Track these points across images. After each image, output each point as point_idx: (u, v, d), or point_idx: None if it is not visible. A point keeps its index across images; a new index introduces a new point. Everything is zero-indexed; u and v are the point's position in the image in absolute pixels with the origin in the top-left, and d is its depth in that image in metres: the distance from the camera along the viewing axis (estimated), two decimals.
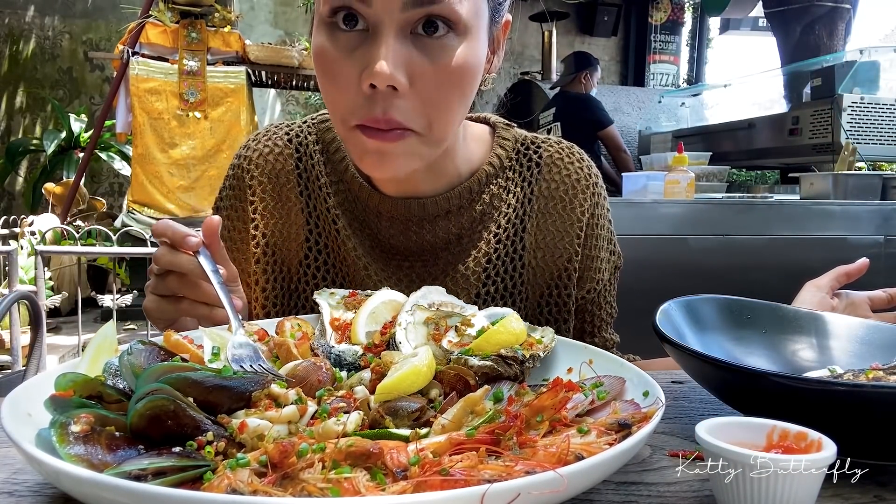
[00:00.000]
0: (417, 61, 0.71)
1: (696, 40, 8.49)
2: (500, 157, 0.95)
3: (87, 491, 0.42)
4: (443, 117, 0.76)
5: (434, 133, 0.76)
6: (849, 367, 0.75)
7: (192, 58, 4.06)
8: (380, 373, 0.63)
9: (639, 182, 3.01)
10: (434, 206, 0.91)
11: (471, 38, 0.74)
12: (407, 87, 0.71)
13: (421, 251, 0.93)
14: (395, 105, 0.72)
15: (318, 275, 0.95)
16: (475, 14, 0.74)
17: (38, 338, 0.97)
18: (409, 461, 0.46)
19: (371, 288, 0.91)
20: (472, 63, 0.74)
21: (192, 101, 4.08)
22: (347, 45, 0.72)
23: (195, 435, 0.50)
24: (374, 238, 0.94)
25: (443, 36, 0.72)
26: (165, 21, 4.05)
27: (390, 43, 0.69)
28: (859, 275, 1.03)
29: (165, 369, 0.53)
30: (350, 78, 0.72)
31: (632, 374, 0.65)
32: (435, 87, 0.72)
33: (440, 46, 0.72)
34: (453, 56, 0.72)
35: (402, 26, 0.70)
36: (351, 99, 0.73)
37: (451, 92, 0.74)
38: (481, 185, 0.94)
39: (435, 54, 0.72)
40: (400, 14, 0.69)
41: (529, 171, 0.97)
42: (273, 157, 0.96)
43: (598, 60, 4.97)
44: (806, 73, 3.81)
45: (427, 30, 0.71)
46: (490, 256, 0.94)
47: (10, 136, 6.22)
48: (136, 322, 4.25)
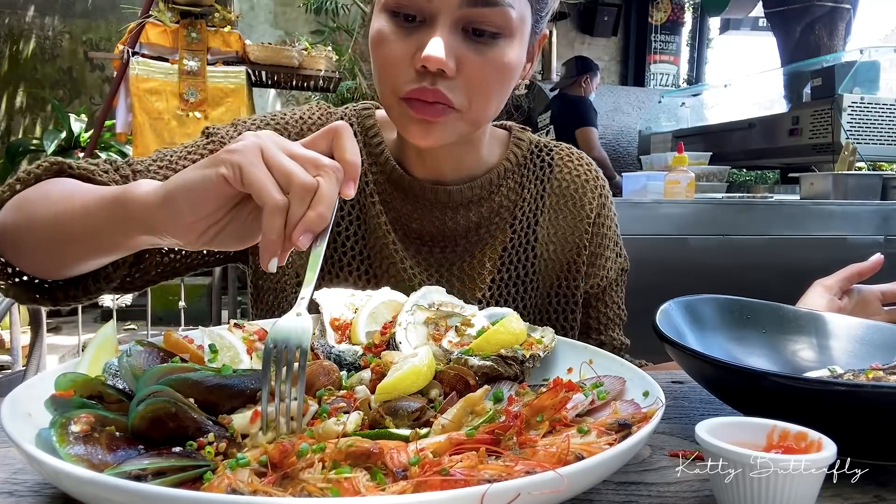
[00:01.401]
0: (466, 52, 0.81)
1: (696, 40, 8.50)
2: (516, 156, 1.03)
3: (87, 491, 0.42)
4: (482, 102, 0.85)
5: (472, 114, 0.85)
6: (849, 367, 0.75)
7: (192, 58, 4.06)
8: (380, 373, 0.63)
9: (639, 182, 3.00)
10: (458, 195, 0.98)
11: (515, 41, 0.84)
12: (454, 71, 0.81)
13: (442, 237, 0.99)
14: (441, 83, 0.82)
15: (349, 243, 0.99)
16: (521, 20, 0.84)
17: (38, 338, 0.97)
18: (409, 461, 0.46)
19: (391, 260, 0.96)
20: (513, 62, 0.84)
21: (192, 101, 4.07)
22: (405, 30, 0.82)
23: (197, 436, 0.50)
24: (399, 220, 0.99)
25: (489, 35, 0.82)
26: (165, 21, 4.05)
27: (445, 33, 0.80)
28: (872, 272, 1.02)
29: (165, 371, 0.53)
30: (404, 56, 0.82)
31: (632, 374, 0.65)
32: (478, 76, 0.82)
33: (487, 45, 0.82)
34: (498, 52, 0.82)
35: (455, 21, 0.80)
36: (403, 73, 0.82)
37: (492, 83, 0.84)
38: (500, 179, 1.01)
39: (482, 49, 0.82)
40: (456, 10, 0.80)
41: (542, 170, 1.05)
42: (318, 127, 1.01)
43: (598, 66, 5.02)
44: (806, 73, 3.81)
45: (476, 34, 0.81)
46: (506, 246, 1.01)
47: (10, 136, 6.23)
48: (136, 322, 4.25)
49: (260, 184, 0.56)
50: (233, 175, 0.57)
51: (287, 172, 0.57)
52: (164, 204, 0.60)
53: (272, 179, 0.57)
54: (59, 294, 0.83)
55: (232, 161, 0.57)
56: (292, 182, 0.57)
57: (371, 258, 0.99)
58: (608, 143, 5.26)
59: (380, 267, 0.98)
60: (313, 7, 6.69)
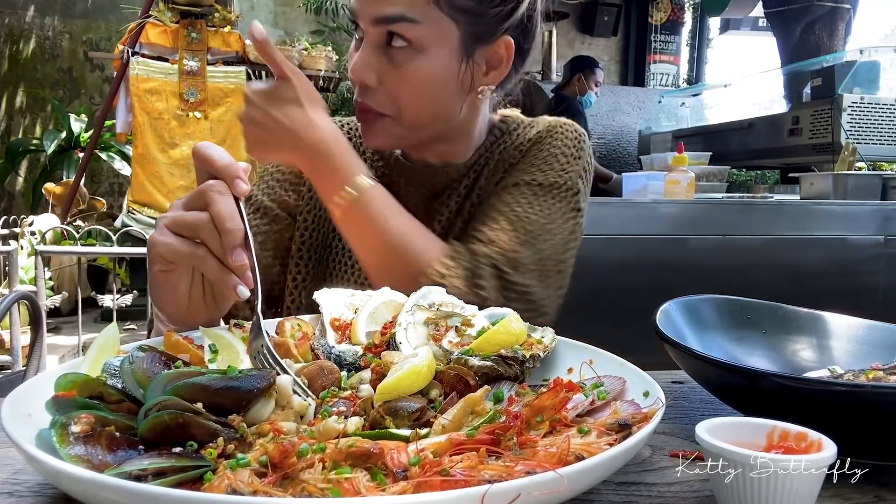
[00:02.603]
0: (384, 66, 0.91)
1: (696, 40, 8.49)
2: (500, 129, 1.08)
3: (87, 491, 0.42)
4: (410, 109, 0.93)
5: (404, 119, 0.94)
6: (849, 367, 0.75)
7: (192, 58, 4.06)
8: (380, 373, 0.63)
9: (639, 182, 3.01)
10: (455, 172, 1.04)
11: (431, 54, 0.91)
12: (376, 83, 0.92)
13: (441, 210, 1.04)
14: (367, 94, 0.93)
15: None
16: (438, 34, 0.90)
17: (38, 338, 0.97)
18: (409, 461, 0.46)
19: None
20: (429, 74, 0.91)
21: (192, 101, 4.07)
22: (356, 47, 0.95)
23: (206, 441, 0.49)
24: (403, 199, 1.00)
25: (402, 49, 0.90)
26: (165, 21, 4.05)
27: (368, 48, 0.91)
28: None
29: (171, 377, 0.53)
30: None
31: (632, 374, 0.65)
32: (396, 87, 0.92)
33: (401, 57, 0.90)
34: (413, 65, 0.91)
35: (375, 39, 0.91)
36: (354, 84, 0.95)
37: (412, 93, 0.92)
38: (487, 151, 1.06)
39: (396, 62, 0.91)
40: (372, 28, 0.90)
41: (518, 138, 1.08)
42: None
43: (595, 62, 4.93)
44: (806, 73, 3.81)
45: (395, 47, 0.90)
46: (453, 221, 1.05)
47: (10, 136, 6.22)
48: (137, 322, 4.25)
49: (175, 254, 0.68)
50: (163, 265, 0.70)
51: (185, 225, 0.68)
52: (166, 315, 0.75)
53: (182, 240, 0.68)
54: None
55: (154, 255, 0.70)
56: (193, 228, 0.68)
57: None
58: (608, 143, 5.26)
59: None
60: (313, 7, 6.69)
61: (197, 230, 0.67)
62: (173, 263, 0.70)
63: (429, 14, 0.88)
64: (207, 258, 0.68)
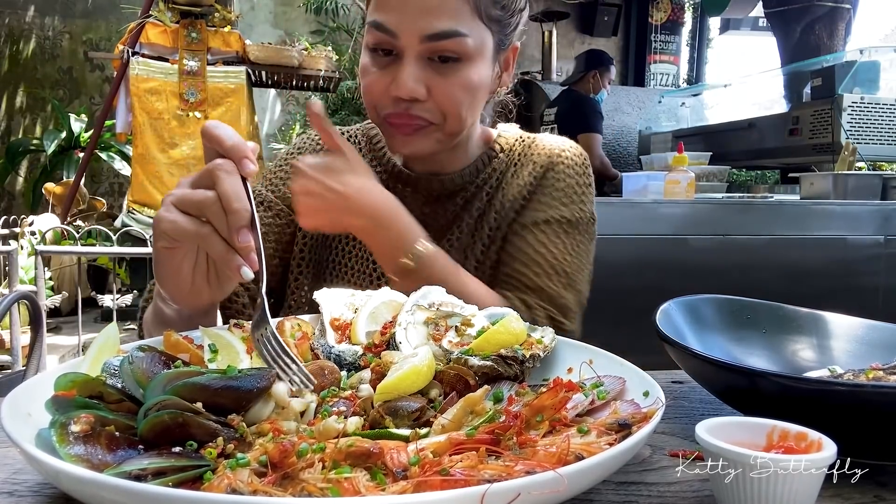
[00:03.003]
0: (433, 77, 0.93)
1: (696, 40, 8.49)
2: (500, 145, 1.11)
3: (87, 491, 0.42)
4: (454, 117, 0.96)
5: (448, 126, 0.97)
6: (849, 367, 0.75)
7: (192, 58, 4.06)
8: (380, 373, 0.63)
9: (639, 182, 3.00)
10: (450, 183, 1.07)
11: (476, 63, 0.94)
12: (425, 96, 0.93)
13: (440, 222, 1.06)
14: (415, 107, 0.94)
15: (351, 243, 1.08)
16: (481, 44, 0.94)
17: (38, 338, 0.97)
18: (409, 461, 0.46)
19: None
20: (475, 82, 0.95)
21: (192, 101, 4.07)
22: (382, 63, 0.95)
23: (206, 441, 0.49)
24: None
25: (452, 60, 0.93)
26: (165, 21, 4.05)
27: (411, 65, 0.92)
28: None
29: (171, 377, 0.53)
30: (383, 86, 0.94)
31: (632, 374, 0.65)
32: (447, 97, 0.94)
33: (451, 69, 0.93)
34: (462, 74, 0.94)
35: (420, 53, 0.92)
36: (382, 99, 0.95)
37: (460, 101, 0.95)
38: (484, 165, 1.09)
39: (447, 73, 0.93)
40: (419, 45, 0.91)
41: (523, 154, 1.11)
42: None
43: (611, 59, 4.76)
44: (806, 73, 3.81)
45: (442, 60, 0.93)
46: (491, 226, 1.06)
47: (10, 136, 6.22)
48: (137, 322, 4.24)
49: (180, 232, 0.68)
50: (168, 241, 0.69)
51: (191, 203, 0.67)
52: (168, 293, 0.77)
53: (187, 218, 0.68)
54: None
55: (159, 232, 0.69)
56: (200, 206, 0.67)
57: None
58: (608, 143, 5.26)
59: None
60: (313, 7, 6.69)
61: (203, 209, 0.67)
62: (177, 241, 0.69)
63: (473, 26, 0.92)
64: (212, 237, 0.67)
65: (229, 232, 0.66)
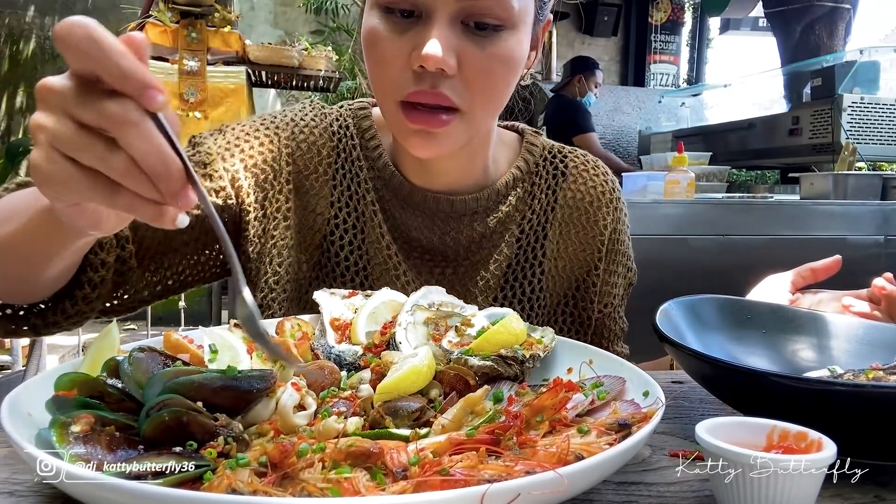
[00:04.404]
0: (467, 48, 0.75)
1: (696, 40, 8.48)
2: (527, 162, 0.97)
3: (87, 491, 0.42)
4: (487, 100, 0.79)
5: (476, 114, 0.79)
6: (849, 367, 0.75)
7: (191, 58, 4.06)
8: (380, 373, 0.63)
9: (639, 182, 3.00)
10: (462, 205, 0.92)
11: (518, 31, 0.78)
12: (455, 69, 0.75)
13: (444, 249, 0.94)
14: (443, 83, 0.75)
15: (342, 253, 0.92)
16: (524, 9, 0.78)
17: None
18: (409, 461, 0.46)
19: (392, 273, 0.92)
20: (517, 55, 0.78)
21: (191, 101, 4.07)
22: (400, 27, 0.76)
23: (206, 440, 0.49)
24: (398, 228, 0.93)
25: (490, 27, 0.75)
26: (165, 21, 4.05)
27: (443, 28, 0.73)
28: (828, 275, 0.95)
29: (170, 375, 0.53)
30: (400, 56, 0.75)
31: (632, 374, 0.65)
32: (482, 73, 0.76)
33: (489, 38, 0.76)
34: (502, 46, 0.76)
35: (454, 14, 0.74)
36: (400, 75, 0.76)
37: (497, 79, 0.78)
38: (508, 189, 0.95)
39: (484, 43, 0.75)
40: (455, 2, 0.73)
41: (555, 178, 0.98)
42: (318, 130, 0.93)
43: (596, 63, 4.91)
44: (806, 73, 3.81)
45: (478, 27, 0.75)
46: (511, 262, 0.96)
47: (10, 136, 6.22)
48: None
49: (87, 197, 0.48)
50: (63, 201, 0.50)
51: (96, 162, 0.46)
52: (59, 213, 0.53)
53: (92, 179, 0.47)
54: (38, 322, 0.77)
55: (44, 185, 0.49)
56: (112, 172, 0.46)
57: (369, 269, 0.93)
58: (608, 143, 5.26)
59: (378, 279, 0.92)
60: (313, 7, 6.69)
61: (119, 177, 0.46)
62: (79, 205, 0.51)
63: None
64: (138, 204, 0.48)
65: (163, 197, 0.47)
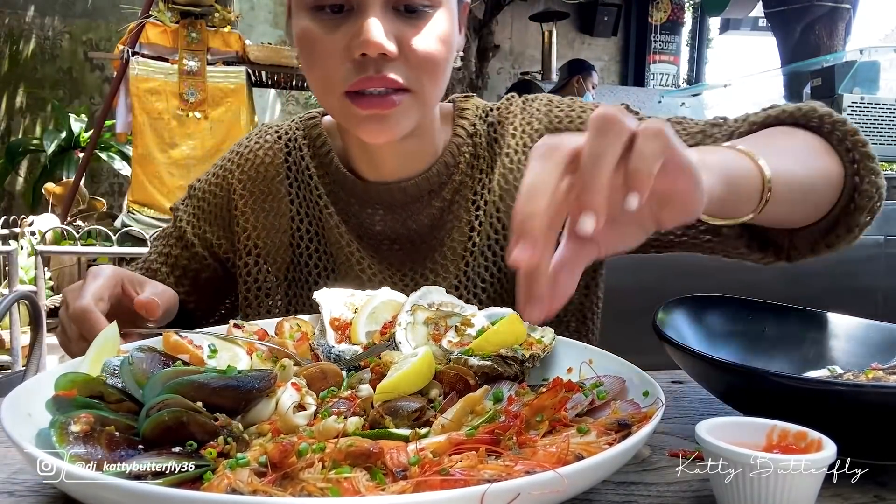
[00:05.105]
0: (403, 29, 0.79)
1: (696, 40, 8.48)
2: (464, 127, 0.96)
3: (87, 491, 0.42)
4: (433, 77, 0.82)
5: (426, 92, 0.82)
6: (849, 367, 0.75)
7: (192, 58, 4.05)
8: (380, 373, 0.63)
9: None
10: (415, 189, 0.93)
11: (445, 9, 0.82)
12: (396, 52, 0.78)
13: (408, 234, 0.95)
14: (386, 67, 0.78)
15: (311, 262, 0.97)
16: None
17: (38, 338, 0.97)
18: (409, 461, 0.46)
19: (362, 274, 0.93)
20: (451, 30, 0.83)
21: (192, 101, 4.07)
22: (332, 23, 0.79)
23: (206, 440, 0.49)
24: (361, 226, 0.96)
25: (422, 12, 0.80)
26: (165, 21, 4.05)
27: (378, 15, 0.76)
28: None
29: (170, 375, 0.53)
30: (338, 50, 0.78)
31: (632, 374, 0.65)
32: (423, 51, 0.79)
33: (422, 17, 0.80)
34: (435, 24, 0.80)
35: (384, 2, 0.77)
36: (339, 68, 0.79)
37: (437, 56, 0.81)
38: (455, 157, 0.94)
39: (419, 24, 0.79)
40: None
41: (492, 131, 0.97)
42: (262, 151, 1.00)
43: (591, 66, 5.06)
44: (806, 73, 3.82)
45: (409, 10, 0.79)
46: (473, 225, 0.94)
47: (10, 136, 6.22)
48: None
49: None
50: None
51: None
52: None
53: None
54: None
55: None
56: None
57: (335, 269, 0.96)
58: None
59: (346, 277, 0.94)
60: None
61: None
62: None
63: None
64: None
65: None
